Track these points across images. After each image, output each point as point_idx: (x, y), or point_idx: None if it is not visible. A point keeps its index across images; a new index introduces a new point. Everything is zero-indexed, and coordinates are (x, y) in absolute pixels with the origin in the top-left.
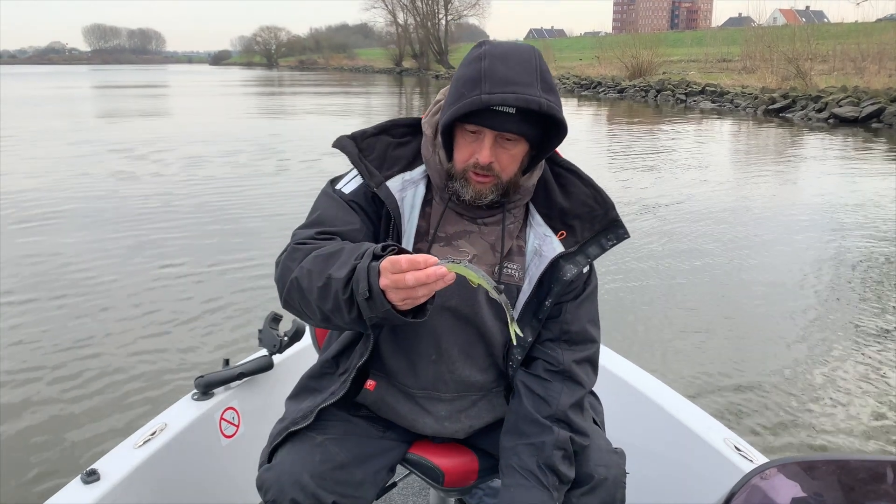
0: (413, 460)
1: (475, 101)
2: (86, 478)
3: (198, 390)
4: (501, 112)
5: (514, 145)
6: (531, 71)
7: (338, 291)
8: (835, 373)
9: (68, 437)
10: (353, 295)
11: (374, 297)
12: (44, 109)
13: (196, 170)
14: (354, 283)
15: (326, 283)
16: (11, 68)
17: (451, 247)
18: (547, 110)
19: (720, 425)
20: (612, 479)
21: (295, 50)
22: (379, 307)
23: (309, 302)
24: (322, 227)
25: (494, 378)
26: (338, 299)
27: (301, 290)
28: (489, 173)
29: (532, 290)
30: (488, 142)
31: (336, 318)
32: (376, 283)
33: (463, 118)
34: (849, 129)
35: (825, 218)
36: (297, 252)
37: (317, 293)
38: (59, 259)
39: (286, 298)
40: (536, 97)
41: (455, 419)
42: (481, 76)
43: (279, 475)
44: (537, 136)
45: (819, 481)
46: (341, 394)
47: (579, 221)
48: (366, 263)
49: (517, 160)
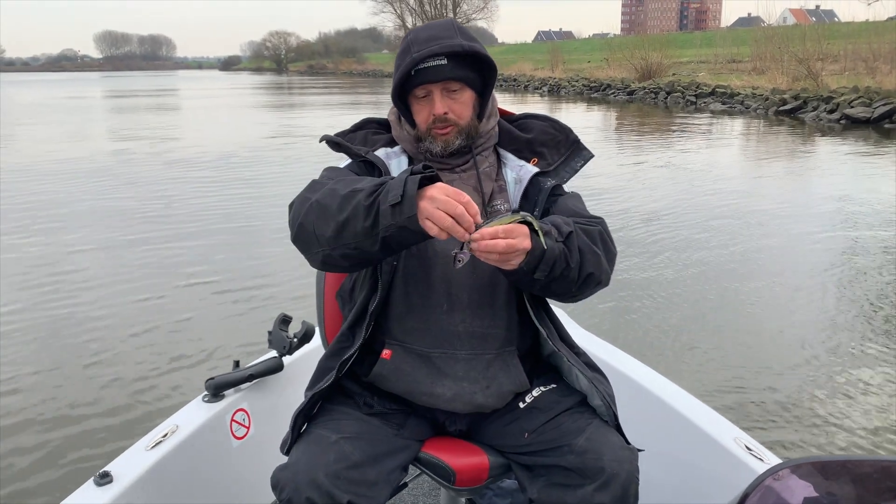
0: (425, 459)
1: (409, 62)
2: (98, 480)
3: (208, 392)
4: (435, 65)
5: (461, 94)
6: (449, 27)
7: (360, 199)
8: (848, 372)
9: (81, 440)
10: (374, 203)
11: (405, 203)
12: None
13: (204, 174)
14: (384, 193)
15: (350, 193)
16: (24, 76)
17: None
18: (470, 50)
19: (731, 424)
20: (624, 475)
21: (304, 55)
22: (406, 212)
23: (326, 216)
24: (330, 178)
25: (505, 333)
26: (358, 205)
27: (321, 207)
28: (447, 123)
29: (519, 207)
30: (437, 95)
31: (351, 226)
32: (413, 190)
33: (408, 84)
34: (861, 130)
35: (838, 218)
36: (317, 184)
37: (338, 203)
38: (69, 261)
39: (301, 223)
40: (459, 42)
41: (473, 379)
42: (410, 45)
43: (294, 474)
44: (478, 82)
45: (832, 482)
46: (360, 342)
47: (546, 148)
48: (403, 175)
49: (468, 105)
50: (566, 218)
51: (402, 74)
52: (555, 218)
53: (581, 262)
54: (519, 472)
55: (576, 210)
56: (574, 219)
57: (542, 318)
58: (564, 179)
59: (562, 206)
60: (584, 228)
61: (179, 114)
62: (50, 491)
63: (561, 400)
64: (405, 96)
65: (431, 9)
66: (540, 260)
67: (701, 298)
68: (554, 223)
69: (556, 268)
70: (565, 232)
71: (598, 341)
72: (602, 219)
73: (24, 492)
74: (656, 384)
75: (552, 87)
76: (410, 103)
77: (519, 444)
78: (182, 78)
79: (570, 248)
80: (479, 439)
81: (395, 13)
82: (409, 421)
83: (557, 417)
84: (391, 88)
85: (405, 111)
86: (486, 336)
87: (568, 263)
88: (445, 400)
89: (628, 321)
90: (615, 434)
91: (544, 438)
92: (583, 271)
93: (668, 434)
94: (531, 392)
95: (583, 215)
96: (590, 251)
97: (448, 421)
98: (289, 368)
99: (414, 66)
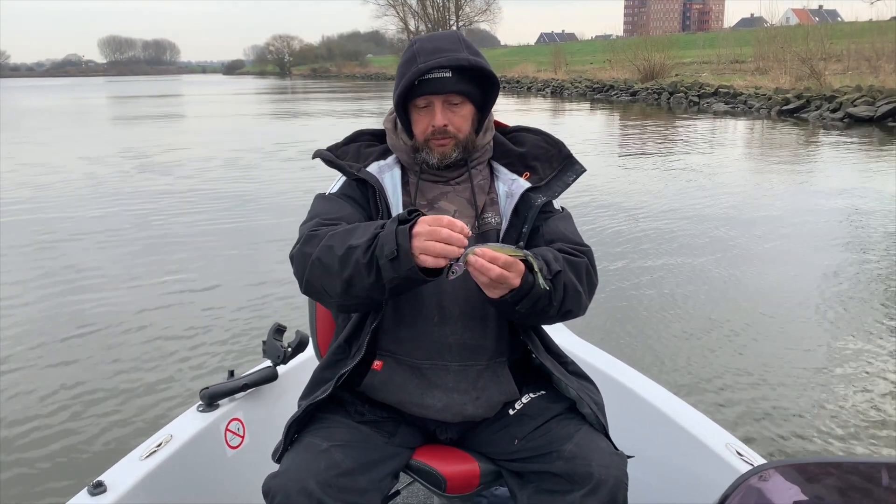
0: (416, 467)
1: (414, 72)
2: (92, 489)
3: (203, 402)
4: (439, 77)
5: (461, 108)
6: (455, 40)
7: (358, 257)
8: (843, 376)
9: (74, 449)
10: (373, 259)
11: (401, 255)
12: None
13: (207, 184)
14: (378, 248)
15: (347, 251)
16: (28, 81)
17: (434, 209)
18: (475, 65)
19: (722, 430)
20: (613, 481)
21: (307, 58)
22: (405, 265)
23: (330, 275)
24: (321, 218)
25: (495, 344)
26: (358, 264)
27: (322, 266)
28: (446, 136)
29: (509, 221)
30: (438, 107)
31: (356, 283)
32: (406, 243)
33: (411, 94)
34: (864, 129)
35: (842, 217)
36: (313, 238)
37: (338, 263)
38: (64, 270)
39: (307, 279)
40: (465, 56)
41: (463, 390)
42: (415, 55)
43: (285, 482)
44: (479, 97)
45: (817, 484)
46: (359, 358)
47: (539, 162)
48: (393, 227)
49: (467, 120)
50: (556, 252)
51: (407, 84)
52: (545, 252)
53: (563, 299)
54: (509, 479)
55: (565, 234)
56: (562, 244)
57: (527, 332)
58: (556, 194)
59: (552, 228)
60: (570, 262)
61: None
62: (43, 500)
63: (550, 406)
64: (405, 105)
65: (434, 11)
66: (525, 295)
67: (696, 300)
68: (545, 258)
69: (539, 304)
70: (554, 271)
71: (587, 346)
72: (589, 248)
73: (18, 501)
74: (647, 389)
75: (555, 88)
76: (410, 112)
77: (509, 450)
78: (186, 83)
79: (556, 288)
80: (470, 446)
81: (397, 16)
82: (400, 429)
83: (546, 424)
84: (393, 95)
85: (404, 119)
86: (477, 347)
87: (551, 301)
88: (436, 410)
89: (618, 325)
90: (604, 440)
91: (534, 445)
92: (563, 308)
93: (659, 439)
94: (521, 399)
95: (571, 241)
96: (573, 289)
97: (439, 429)
98: (283, 378)
99: (419, 76)
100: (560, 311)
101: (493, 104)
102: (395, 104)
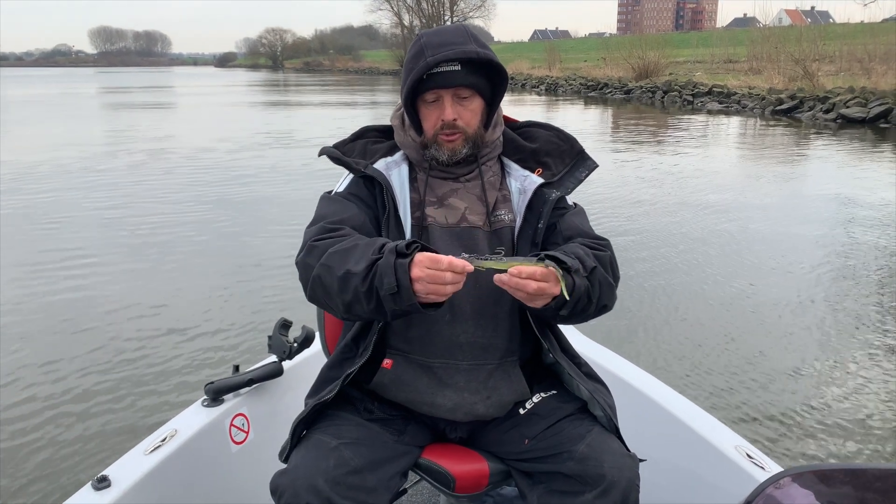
0: (424, 465)
1: (423, 66)
2: (96, 484)
3: (208, 397)
4: (448, 71)
5: (471, 102)
6: (463, 33)
7: (357, 284)
8: (851, 380)
9: (79, 444)
10: (372, 288)
11: (402, 291)
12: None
13: (210, 177)
14: (378, 279)
15: (345, 276)
16: (16, 70)
17: (444, 206)
18: (484, 57)
19: (732, 432)
20: (625, 483)
21: (300, 52)
22: (405, 300)
23: (331, 295)
24: (327, 220)
25: (507, 343)
26: (357, 292)
27: (322, 285)
28: (456, 130)
29: (523, 218)
30: (448, 100)
31: (357, 307)
32: (405, 279)
33: (419, 89)
34: (857, 130)
35: (836, 218)
36: (314, 250)
37: (337, 286)
38: (67, 263)
39: (311, 293)
40: (473, 48)
41: (474, 389)
42: (423, 49)
43: (294, 479)
44: (488, 90)
45: (834, 490)
46: (366, 357)
47: (551, 158)
48: (391, 260)
49: (477, 114)
50: (585, 248)
51: (415, 78)
52: (576, 249)
53: (600, 295)
54: (519, 479)
55: (582, 229)
56: (583, 239)
57: (544, 331)
58: (569, 190)
59: (569, 223)
60: (598, 256)
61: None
62: (47, 495)
63: (561, 406)
64: (413, 100)
65: (428, 6)
66: (566, 300)
67: (700, 303)
68: (578, 256)
69: (580, 304)
70: (590, 267)
71: (599, 349)
72: (608, 241)
73: (22, 495)
74: (657, 392)
75: (549, 85)
76: (419, 107)
77: (519, 450)
78: (178, 74)
79: (593, 284)
80: (480, 446)
81: (391, 10)
82: (409, 427)
83: (558, 424)
84: (402, 91)
85: (413, 115)
86: (488, 346)
87: (590, 299)
88: (446, 410)
89: (627, 328)
90: (616, 441)
91: (544, 445)
92: (599, 303)
93: (668, 442)
94: (531, 398)
95: (590, 235)
96: (606, 283)
97: (448, 427)
98: (289, 373)
99: (427, 70)
100: (597, 306)
101: (502, 98)
102: (402, 100)
